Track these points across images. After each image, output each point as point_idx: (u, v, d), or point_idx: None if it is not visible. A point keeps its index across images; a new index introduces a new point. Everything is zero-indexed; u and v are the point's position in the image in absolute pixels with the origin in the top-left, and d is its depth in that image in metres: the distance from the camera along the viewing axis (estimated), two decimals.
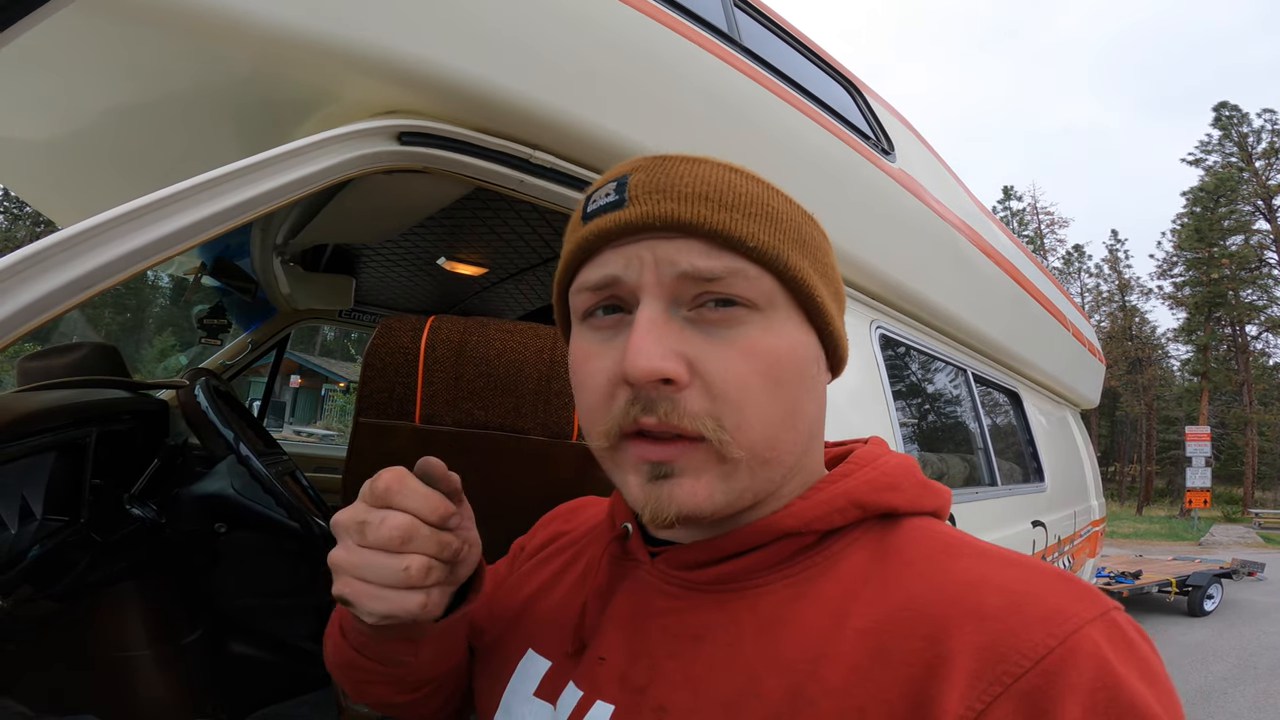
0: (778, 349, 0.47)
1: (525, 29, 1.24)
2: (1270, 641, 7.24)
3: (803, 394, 0.49)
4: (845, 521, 0.49)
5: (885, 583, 0.45)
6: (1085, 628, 0.38)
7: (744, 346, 0.46)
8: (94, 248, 0.77)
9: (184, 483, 1.56)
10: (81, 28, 0.99)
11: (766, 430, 0.46)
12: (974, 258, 2.70)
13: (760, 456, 0.47)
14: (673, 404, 0.45)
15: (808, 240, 0.50)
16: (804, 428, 0.50)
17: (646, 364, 0.44)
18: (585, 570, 0.62)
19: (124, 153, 1.52)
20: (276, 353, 3.37)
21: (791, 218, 0.50)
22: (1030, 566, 0.44)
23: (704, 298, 0.46)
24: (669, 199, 0.47)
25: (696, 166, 0.49)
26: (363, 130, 1.08)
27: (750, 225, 0.47)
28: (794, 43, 2.17)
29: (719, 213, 0.46)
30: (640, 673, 0.49)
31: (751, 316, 0.47)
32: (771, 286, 0.47)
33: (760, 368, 0.46)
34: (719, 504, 0.46)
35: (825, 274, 0.52)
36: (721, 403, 0.45)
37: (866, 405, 1.90)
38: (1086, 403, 4.78)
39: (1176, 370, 39.16)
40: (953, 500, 0.61)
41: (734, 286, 0.46)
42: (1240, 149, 32.98)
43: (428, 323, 1.46)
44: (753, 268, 0.47)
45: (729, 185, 0.48)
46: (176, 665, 1.76)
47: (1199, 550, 15.85)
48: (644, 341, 0.44)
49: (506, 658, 0.60)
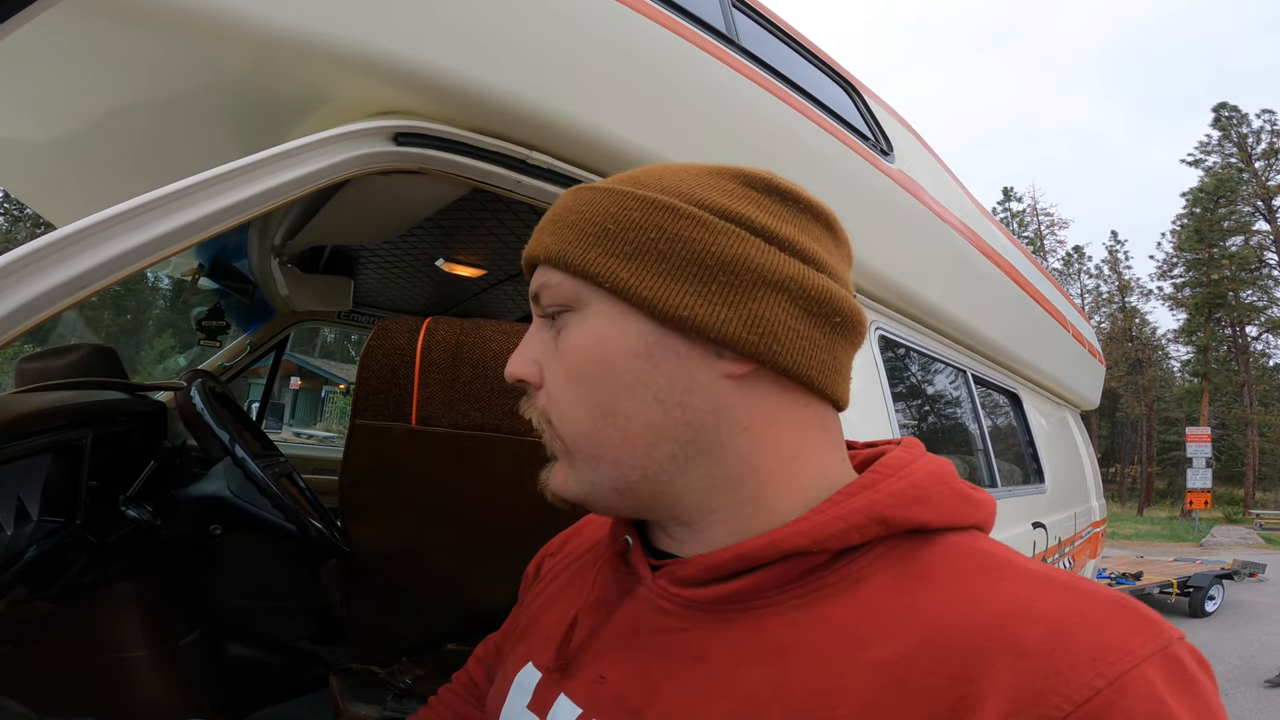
0: (581, 346, 0.49)
1: (521, 29, 1.24)
2: (1272, 642, 7.24)
3: (613, 387, 0.48)
4: (864, 539, 0.45)
5: (910, 609, 0.41)
6: (1140, 666, 0.34)
7: (562, 348, 0.51)
8: (90, 247, 0.77)
9: (180, 484, 1.56)
10: (76, 27, 0.99)
11: (575, 426, 0.50)
12: (973, 259, 2.70)
13: (581, 451, 0.50)
14: (531, 404, 0.53)
15: (621, 229, 0.48)
16: (630, 425, 0.48)
17: (509, 369, 0.53)
18: (587, 585, 0.60)
19: (120, 153, 1.52)
20: (275, 354, 3.38)
21: (603, 215, 0.49)
22: (1084, 592, 0.39)
23: (548, 314, 0.52)
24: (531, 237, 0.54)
25: (560, 201, 0.54)
26: (359, 131, 1.07)
27: (545, 239, 0.52)
28: (792, 43, 2.16)
29: (536, 238, 0.53)
30: (637, 694, 0.47)
31: (569, 320, 0.51)
32: (574, 286, 0.50)
33: (567, 364, 0.50)
34: (575, 491, 0.51)
35: (653, 255, 0.47)
36: (550, 400, 0.51)
37: (866, 407, 1.89)
38: (1087, 404, 4.77)
39: (1177, 371, 39.19)
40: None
41: (548, 296, 0.51)
42: (1240, 150, 33.00)
43: (424, 324, 1.46)
44: (554, 274, 0.51)
45: (561, 207, 0.53)
46: (174, 666, 1.76)
47: (1200, 551, 15.86)
48: (515, 352, 0.53)
49: (509, 671, 0.59)
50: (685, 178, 0.51)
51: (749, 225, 0.49)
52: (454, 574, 1.55)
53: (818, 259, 0.50)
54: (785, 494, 0.49)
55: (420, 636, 1.63)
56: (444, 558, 1.55)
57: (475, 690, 0.72)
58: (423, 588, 1.58)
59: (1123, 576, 8.87)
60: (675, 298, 0.47)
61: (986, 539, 0.47)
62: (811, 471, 0.50)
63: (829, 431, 0.52)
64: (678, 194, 0.50)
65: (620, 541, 0.55)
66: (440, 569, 1.56)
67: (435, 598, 1.59)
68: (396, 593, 1.59)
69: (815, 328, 0.49)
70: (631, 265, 0.48)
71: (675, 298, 0.47)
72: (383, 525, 1.54)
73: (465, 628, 1.60)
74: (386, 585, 1.59)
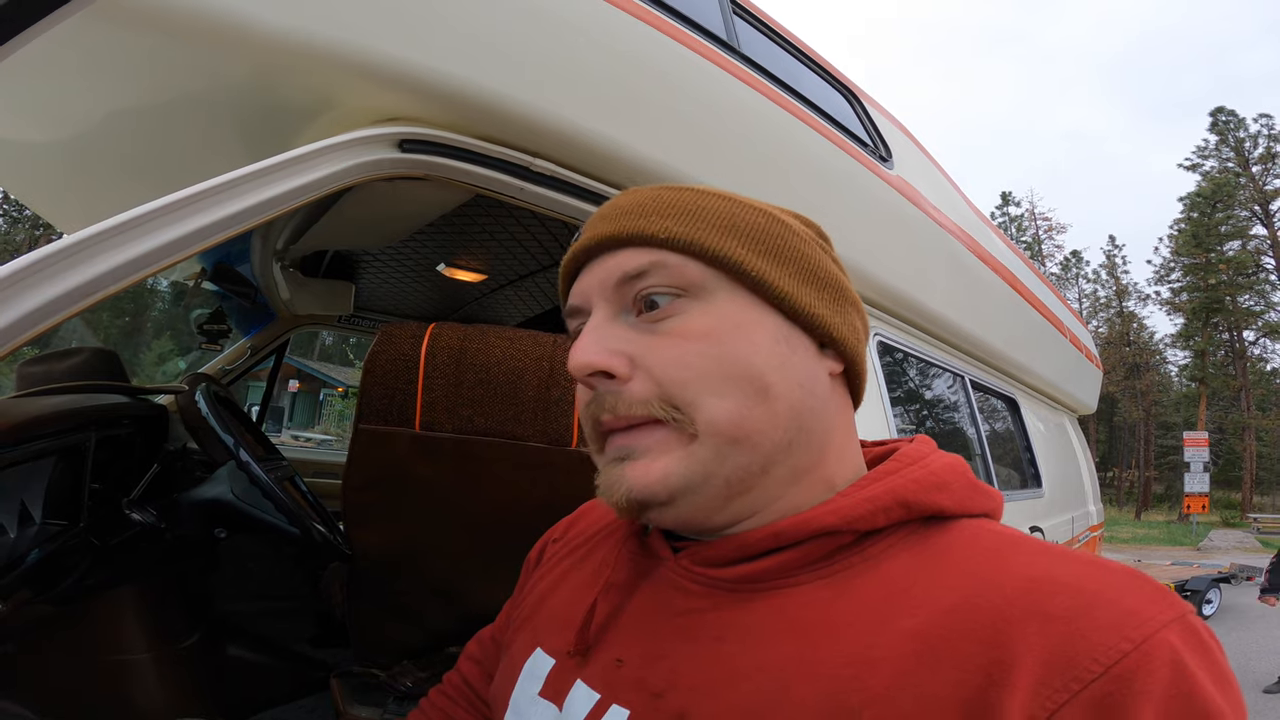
0: (717, 326, 0.48)
1: (525, 37, 1.24)
2: (1269, 645, 7.25)
3: (764, 368, 0.48)
4: (889, 521, 0.47)
5: (936, 582, 0.43)
6: (1162, 631, 0.36)
7: (681, 331, 0.48)
8: (95, 255, 0.78)
9: (184, 488, 1.56)
10: (83, 33, 0.99)
11: (721, 404, 0.47)
12: (972, 264, 2.71)
13: (724, 434, 0.47)
14: (618, 396, 0.48)
15: (750, 230, 0.51)
16: (779, 406, 0.48)
17: (581, 358, 0.48)
18: (599, 567, 0.59)
19: (125, 158, 1.53)
20: (276, 358, 3.37)
21: (727, 213, 0.51)
22: (1099, 564, 0.41)
23: (642, 298, 0.50)
24: (605, 222, 0.52)
25: (637, 193, 0.53)
26: (364, 138, 1.08)
27: (665, 222, 0.50)
28: (792, 50, 2.18)
29: (638, 220, 0.50)
30: (659, 676, 0.47)
31: (687, 305, 0.49)
32: (700, 271, 0.49)
33: (700, 346, 0.48)
34: (674, 485, 0.47)
35: (783, 259, 0.51)
36: (667, 385, 0.47)
37: (864, 412, 1.90)
38: (1084, 408, 4.79)
39: (1174, 376, 39.21)
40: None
41: (658, 276, 0.49)
42: (1237, 154, 33.07)
43: (428, 330, 1.46)
44: (673, 256, 0.49)
45: (655, 197, 0.52)
46: (175, 669, 1.76)
47: (1198, 555, 15.87)
48: (583, 341, 0.49)
49: (516, 657, 0.59)
50: (758, 202, 0.55)
51: (830, 251, 0.56)
52: (455, 577, 1.56)
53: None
54: (825, 484, 0.51)
55: (421, 639, 1.63)
56: (445, 561, 1.56)
57: (467, 691, 0.72)
58: (424, 591, 1.59)
59: None
60: (805, 296, 0.51)
61: (996, 523, 0.49)
62: (849, 466, 0.53)
63: (855, 427, 0.57)
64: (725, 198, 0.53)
65: (641, 523, 0.55)
66: (442, 572, 1.57)
67: (436, 601, 1.59)
68: (398, 596, 1.60)
69: (864, 341, 0.56)
70: (768, 261, 0.50)
71: (805, 296, 0.51)
72: (385, 529, 1.54)
73: (466, 631, 1.60)
74: (388, 588, 1.59)
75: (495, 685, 0.61)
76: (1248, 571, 10.14)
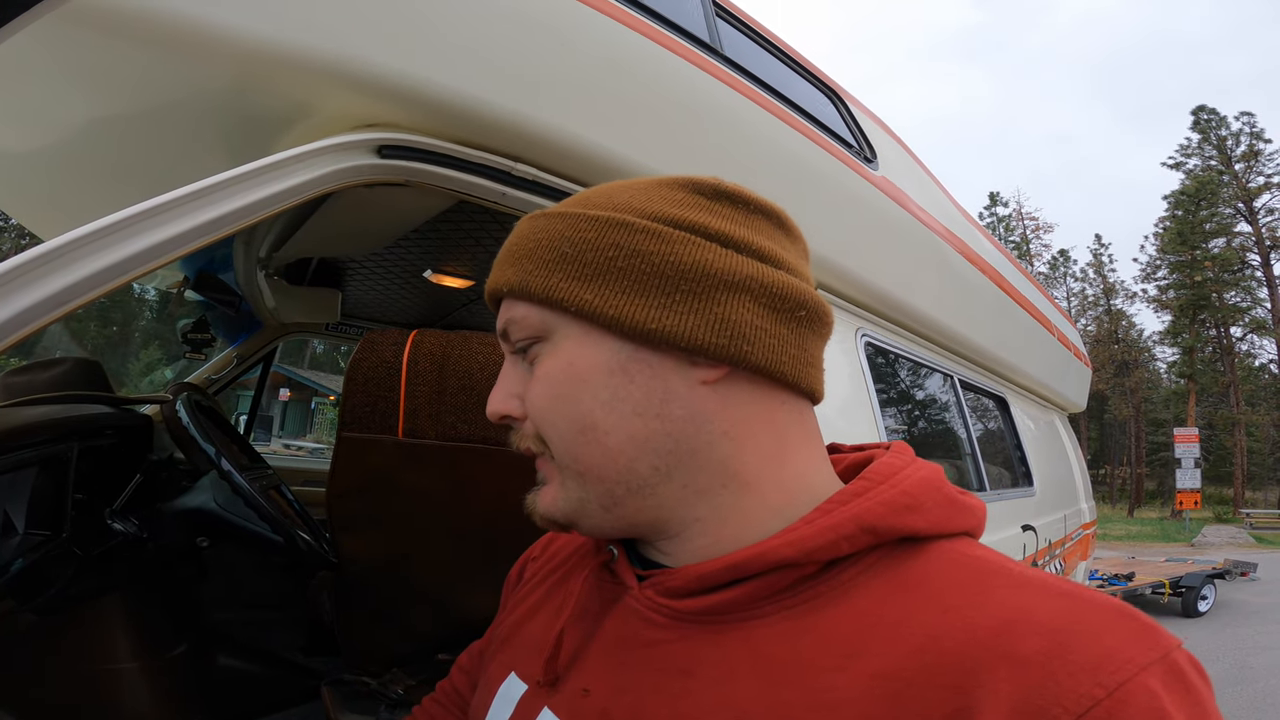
0: (553, 368, 0.50)
1: (504, 42, 1.24)
2: (1265, 641, 7.29)
3: (591, 406, 0.49)
4: (854, 549, 0.44)
5: (904, 618, 0.41)
6: (1140, 674, 0.34)
7: (539, 374, 0.51)
8: (73, 262, 0.77)
9: (168, 497, 1.55)
10: (60, 40, 0.99)
11: (563, 443, 0.50)
12: (959, 265, 2.72)
13: (570, 468, 0.50)
14: (520, 434, 0.54)
15: (577, 253, 0.49)
16: (610, 441, 0.48)
17: (489, 407, 0.55)
18: (571, 593, 0.59)
19: (103, 165, 1.52)
20: (263, 366, 3.36)
21: (558, 238, 0.50)
22: (1079, 598, 0.39)
23: (519, 346, 0.53)
24: (492, 270, 0.55)
25: (515, 229, 0.55)
26: (342, 144, 1.08)
27: (507, 272, 0.52)
28: (775, 51, 2.18)
29: (498, 271, 0.53)
30: (623, 709, 0.46)
31: (541, 349, 0.51)
32: (539, 315, 0.51)
33: (544, 388, 0.51)
34: (562, 510, 0.51)
35: (611, 275, 0.48)
36: (537, 424, 0.51)
37: (853, 413, 1.90)
38: (1074, 407, 4.81)
39: (1163, 372, 39.49)
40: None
41: (515, 330, 0.52)
42: (1220, 152, 33.38)
43: (410, 337, 1.46)
44: (519, 307, 0.52)
45: (517, 236, 0.54)
46: (163, 678, 1.75)
47: (1191, 551, 15.97)
48: (493, 391, 0.55)
49: (491, 680, 0.59)
50: (635, 193, 0.52)
51: (703, 231, 0.49)
52: (442, 584, 1.55)
53: (775, 256, 0.51)
54: (770, 496, 0.49)
55: (410, 647, 1.62)
56: (432, 568, 1.55)
57: (459, 699, 0.72)
58: (411, 598, 1.58)
59: (1115, 577, 8.91)
60: (641, 313, 0.47)
61: (978, 545, 0.47)
62: (793, 471, 0.50)
63: (807, 428, 0.53)
64: (629, 210, 0.50)
65: (605, 552, 0.55)
66: (428, 579, 1.56)
67: (424, 608, 1.59)
68: (385, 603, 1.59)
69: (782, 324, 0.49)
70: (594, 287, 0.48)
71: (641, 313, 0.47)
72: (370, 537, 1.54)
73: (455, 637, 1.60)
74: (375, 596, 1.59)
75: (472, 706, 0.62)
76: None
